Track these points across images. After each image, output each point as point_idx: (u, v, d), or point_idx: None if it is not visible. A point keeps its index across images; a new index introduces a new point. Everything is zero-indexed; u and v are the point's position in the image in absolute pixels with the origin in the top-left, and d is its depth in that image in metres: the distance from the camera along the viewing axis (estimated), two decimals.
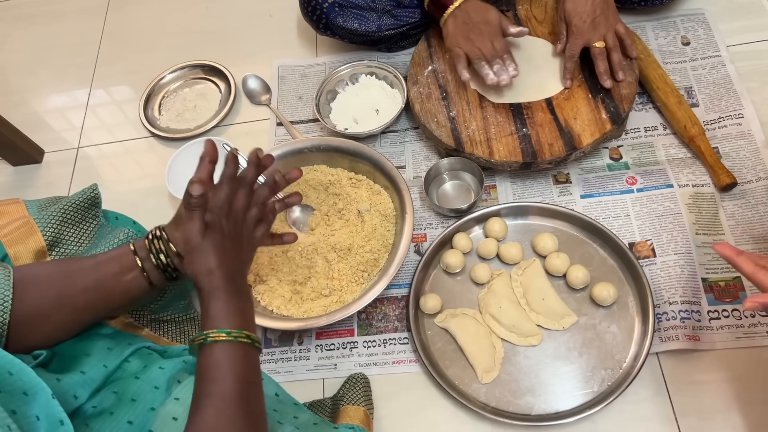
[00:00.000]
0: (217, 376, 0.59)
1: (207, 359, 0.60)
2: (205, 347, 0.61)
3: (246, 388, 0.60)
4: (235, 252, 0.68)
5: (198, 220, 0.67)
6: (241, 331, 0.62)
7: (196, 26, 1.45)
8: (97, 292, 0.67)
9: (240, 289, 0.67)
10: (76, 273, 0.67)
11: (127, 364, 0.69)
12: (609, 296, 0.91)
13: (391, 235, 1.00)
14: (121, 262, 0.69)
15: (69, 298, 0.66)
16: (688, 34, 1.19)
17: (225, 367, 0.60)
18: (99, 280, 0.68)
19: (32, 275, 0.65)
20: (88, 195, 0.79)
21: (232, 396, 0.58)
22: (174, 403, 0.63)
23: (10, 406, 0.52)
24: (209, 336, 0.61)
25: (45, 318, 0.65)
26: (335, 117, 1.18)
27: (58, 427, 0.54)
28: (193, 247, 0.66)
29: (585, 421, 0.86)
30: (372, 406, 0.90)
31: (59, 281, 0.66)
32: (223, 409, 0.57)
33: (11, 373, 0.54)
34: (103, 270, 0.68)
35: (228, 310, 0.63)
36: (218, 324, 0.62)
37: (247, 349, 0.62)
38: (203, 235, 0.66)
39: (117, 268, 0.69)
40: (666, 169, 1.03)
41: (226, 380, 0.59)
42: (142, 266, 0.69)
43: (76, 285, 0.66)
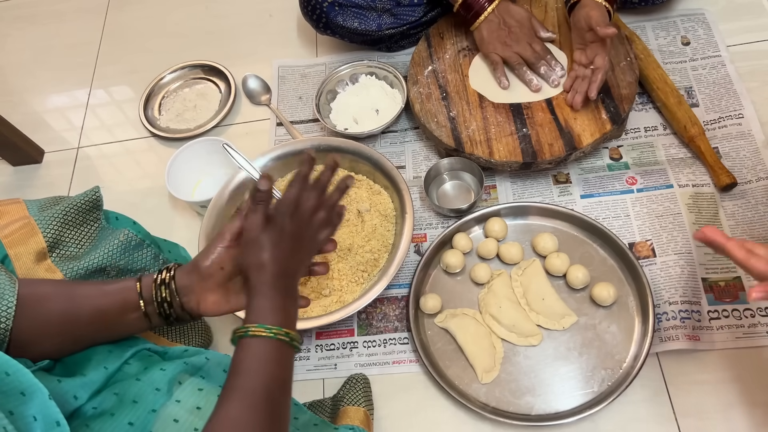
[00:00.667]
0: (249, 370, 0.59)
1: (243, 352, 0.60)
2: (243, 340, 0.61)
3: (275, 386, 0.60)
4: (293, 252, 0.67)
5: (260, 213, 0.66)
6: (281, 329, 0.61)
7: (196, 26, 1.45)
8: (100, 323, 0.67)
9: (288, 289, 0.66)
10: (82, 298, 0.67)
11: (127, 366, 0.69)
12: (609, 296, 0.91)
13: (391, 235, 1.00)
14: (126, 298, 0.68)
15: (73, 325, 0.66)
16: (688, 34, 1.19)
17: (258, 363, 0.60)
18: (102, 312, 0.67)
19: (39, 294, 0.65)
20: (89, 197, 0.79)
21: (260, 392, 0.58)
22: (175, 405, 0.63)
23: (7, 407, 0.52)
24: (249, 330, 0.61)
25: (48, 339, 0.65)
26: (335, 117, 1.18)
27: (54, 428, 0.54)
28: (249, 239, 0.65)
29: (585, 421, 0.86)
30: (372, 406, 0.90)
31: (65, 304, 0.66)
32: (249, 404, 0.57)
33: (8, 373, 0.54)
34: (107, 302, 0.67)
35: (272, 307, 0.63)
36: (260, 319, 0.62)
37: (283, 348, 0.62)
38: (262, 229, 0.65)
39: (120, 305, 0.68)
40: (666, 169, 1.04)
41: (257, 376, 0.59)
42: (144, 310, 0.68)
43: (81, 312, 0.66)
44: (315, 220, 0.71)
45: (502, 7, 1.01)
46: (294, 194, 0.68)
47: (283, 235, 0.66)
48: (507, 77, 1.01)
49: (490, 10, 1.00)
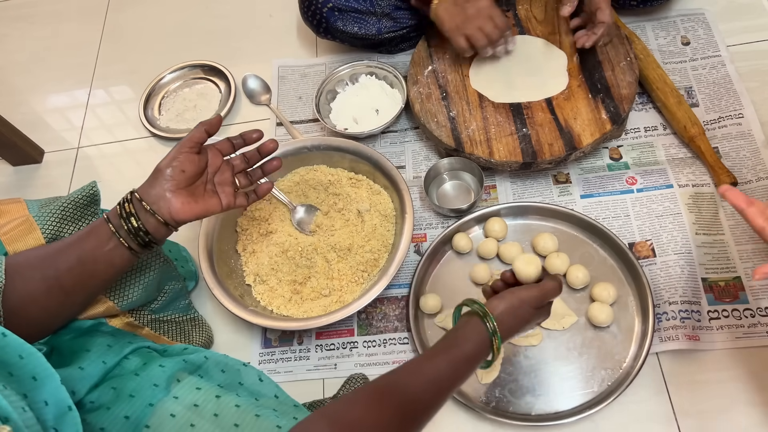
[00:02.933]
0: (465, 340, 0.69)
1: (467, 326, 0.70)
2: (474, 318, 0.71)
3: (463, 365, 0.68)
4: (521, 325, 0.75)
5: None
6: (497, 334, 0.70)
7: (196, 26, 1.45)
8: (82, 268, 0.67)
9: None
10: (58, 254, 0.67)
11: (126, 362, 0.69)
12: (609, 296, 0.91)
13: (391, 235, 1.00)
14: (98, 233, 0.69)
15: (55, 280, 0.66)
16: (688, 34, 1.19)
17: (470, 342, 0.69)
18: (80, 256, 0.67)
19: (14, 263, 0.65)
20: (87, 192, 0.79)
21: (462, 361, 0.67)
22: (172, 401, 0.63)
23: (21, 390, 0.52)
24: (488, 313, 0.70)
25: (35, 304, 0.65)
26: (335, 117, 1.18)
27: (66, 413, 0.54)
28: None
29: (585, 421, 0.86)
30: None
31: (41, 264, 0.66)
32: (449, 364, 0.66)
33: (22, 356, 0.53)
34: (82, 245, 0.68)
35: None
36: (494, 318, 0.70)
37: (486, 351, 0.70)
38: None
39: (95, 241, 0.68)
40: (666, 169, 1.04)
41: (465, 347, 0.68)
42: (117, 234, 0.68)
43: (59, 265, 0.66)
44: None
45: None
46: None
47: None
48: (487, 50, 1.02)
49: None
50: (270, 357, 0.98)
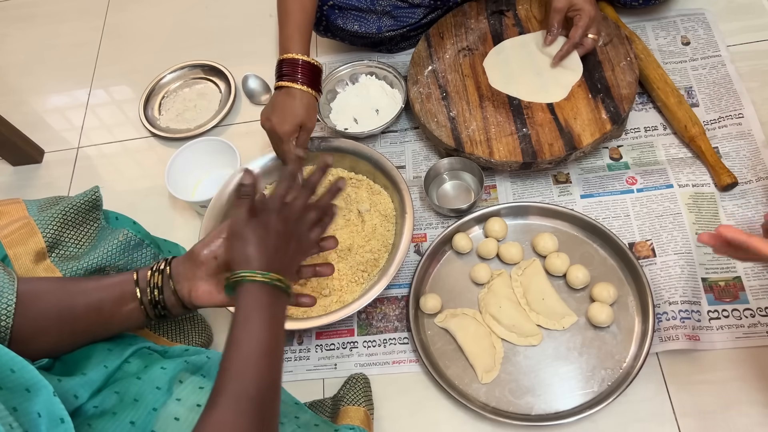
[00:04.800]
0: (249, 319, 0.61)
1: (245, 299, 0.62)
2: (242, 287, 0.63)
3: (272, 337, 0.61)
4: (280, 249, 0.66)
5: (245, 208, 0.66)
6: (271, 274, 0.63)
7: (196, 26, 1.45)
8: (98, 315, 0.67)
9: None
10: (79, 294, 0.67)
11: (127, 365, 0.69)
12: (609, 296, 0.91)
13: (391, 235, 1.00)
14: (123, 289, 0.68)
15: (69, 316, 0.65)
16: (688, 34, 1.19)
17: (257, 310, 0.62)
18: (100, 304, 0.67)
19: (36, 290, 0.65)
20: (89, 197, 0.79)
21: (262, 340, 0.60)
22: (176, 404, 0.63)
23: (11, 403, 0.52)
24: (245, 276, 0.62)
25: (45, 333, 0.65)
26: (335, 117, 1.18)
27: (58, 425, 0.54)
28: (234, 233, 0.66)
29: (585, 421, 0.86)
30: (372, 406, 0.90)
31: (62, 299, 0.66)
32: (248, 352, 0.59)
33: (13, 370, 0.54)
34: (104, 295, 0.68)
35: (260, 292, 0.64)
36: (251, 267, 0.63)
37: (277, 293, 0.64)
38: (246, 223, 0.65)
39: (118, 297, 0.68)
40: (666, 169, 1.04)
41: (256, 324, 0.61)
42: (140, 300, 0.68)
43: (77, 304, 0.66)
44: (304, 219, 0.71)
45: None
46: (281, 191, 0.69)
47: (269, 230, 0.66)
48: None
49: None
50: None
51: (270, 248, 0.65)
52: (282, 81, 0.94)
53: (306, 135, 0.96)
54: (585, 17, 1.00)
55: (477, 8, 1.19)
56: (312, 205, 0.72)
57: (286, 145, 0.94)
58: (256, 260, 0.63)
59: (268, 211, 0.67)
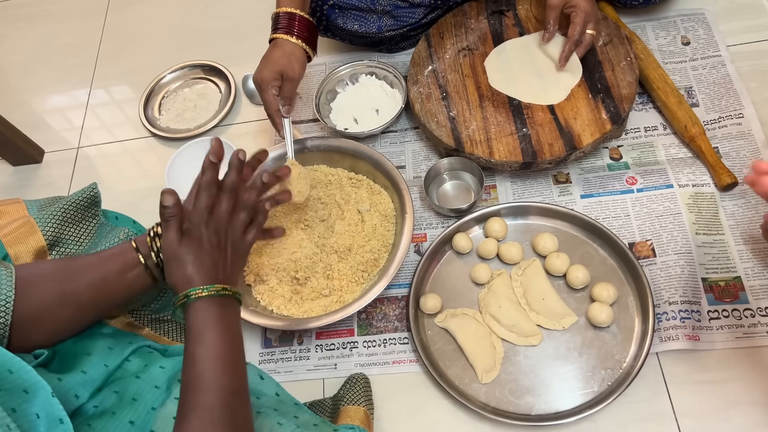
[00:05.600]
0: (202, 333, 0.61)
1: (193, 317, 0.62)
2: (190, 306, 0.62)
3: (229, 343, 0.62)
4: (219, 260, 0.67)
5: (173, 229, 0.66)
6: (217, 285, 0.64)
7: (196, 26, 1.45)
8: (102, 288, 0.67)
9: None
10: (80, 270, 0.67)
11: (127, 364, 0.69)
12: (609, 296, 0.91)
13: (391, 235, 1.00)
14: (125, 258, 0.69)
15: (72, 296, 0.66)
16: (688, 34, 1.19)
17: (208, 324, 0.61)
18: (103, 276, 0.67)
19: (34, 273, 0.65)
20: (87, 194, 0.79)
21: (218, 351, 0.60)
22: (174, 403, 0.63)
23: (10, 405, 0.52)
24: (190, 294, 0.62)
25: (48, 315, 0.65)
26: (335, 117, 1.18)
27: (57, 426, 0.54)
28: (170, 258, 0.65)
29: (585, 421, 0.86)
30: (372, 406, 0.90)
31: (62, 278, 0.66)
32: (210, 365, 0.59)
33: (11, 371, 0.54)
34: (106, 267, 0.68)
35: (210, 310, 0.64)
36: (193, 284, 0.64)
37: (228, 302, 0.64)
38: (179, 244, 0.65)
39: (120, 265, 0.68)
40: (666, 169, 1.03)
41: (212, 336, 0.61)
42: (145, 263, 0.69)
43: (79, 282, 0.66)
44: (235, 222, 0.71)
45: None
46: (204, 202, 0.68)
47: (202, 244, 0.66)
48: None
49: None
50: (270, 357, 0.98)
51: (208, 262, 0.65)
52: (275, 33, 0.95)
53: (289, 86, 0.95)
54: (581, 13, 1.00)
55: (477, 8, 1.19)
56: (238, 208, 0.72)
57: (266, 94, 0.94)
58: (197, 277, 0.64)
59: (196, 225, 0.66)
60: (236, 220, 0.71)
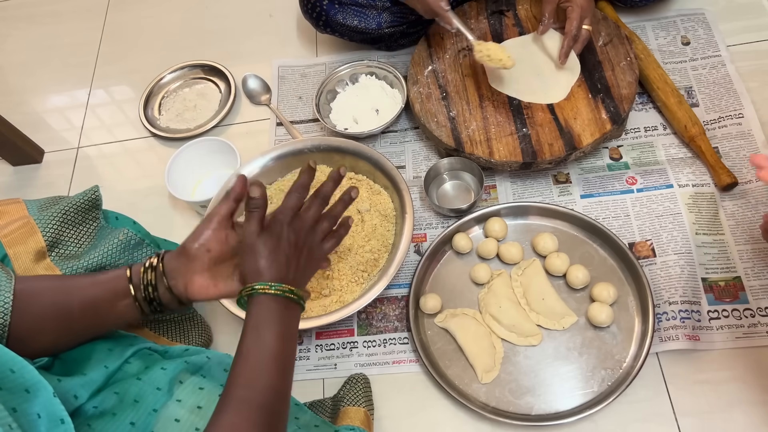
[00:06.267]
0: (262, 327, 0.61)
1: (255, 309, 0.62)
2: (254, 299, 0.63)
3: (286, 343, 0.62)
4: (292, 260, 0.66)
5: (255, 221, 0.66)
6: (285, 286, 0.63)
7: (196, 26, 1.45)
8: (93, 312, 0.67)
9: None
10: (74, 291, 0.66)
11: (128, 365, 0.69)
12: (609, 296, 0.91)
13: (391, 235, 1.00)
14: (117, 286, 0.67)
15: (66, 312, 0.65)
16: (688, 34, 1.19)
17: (269, 320, 0.62)
18: (95, 301, 0.67)
19: (33, 288, 0.65)
20: (89, 196, 0.79)
21: (272, 349, 0.60)
22: (176, 405, 0.63)
23: (11, 404, 0.52)
24: (255, 288, 0.62)
25: (45, 328, 0.65)
26: (335, 117, 1.18)
27: (58, 426, 0.54)
28: (247, 246, 0.65)
29: (585, 421, 0.86)
30: (372, 406, 0.90)
31: (58, 297, 0.66)
32: (263, 359, 0.59)
33: (13, 370, 0.53)
34: (98, 291, 0.67)
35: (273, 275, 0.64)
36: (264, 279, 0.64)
37: (290, 305, 0.64)
38: (257, 236, 0.65)
39: (112, 293, 0.67)
40: (666, 169, 1.04)
41: (269, 331, 0.61)
42: (134, 295, 0.67)
43: (73, 303, 0.66)
44: (316, 229, 0.71)
45: None
46: (293, 203, 0.68)
47: (280, 242, 0.66)
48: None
49: None
50: None
51: (282, 260, 0.65)
52: None
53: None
54: (577, 8, 1.00)
55: (477, 8, 1.19)
56: (324, 216, 0.72)
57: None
58: (267, 272, 0.64)
59: (279, 222, 0.67)
60: (319, 227, 0.71)
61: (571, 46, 1.03)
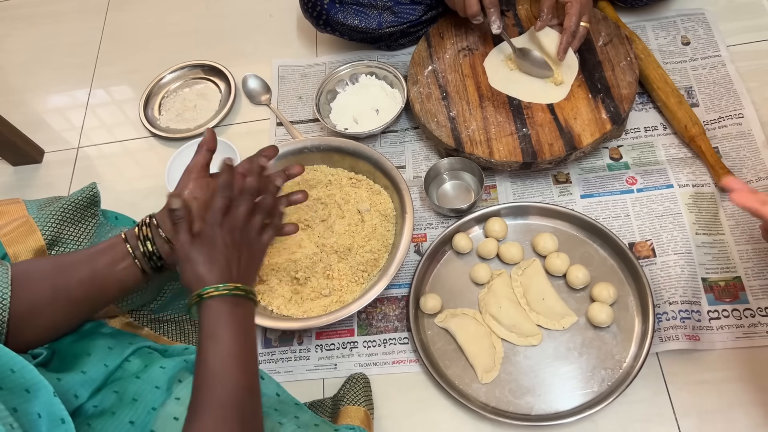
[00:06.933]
0: (215, 334, 0.61)
1: (207, 315, 0.62)
2: (204, 304, 0.62)
3: (242, 341, 0.62)
4: (233, 260, 0.66)
5: (184, 231, 0.66)
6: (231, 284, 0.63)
7: (196, 26, 1.45)
8: (93, 283, 0.67)
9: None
10: (71, 266, 0.67)
11: (127, 364, 0.69)
12: (609, 296, 0.91)
13: (391, 235, 1.00)
14: (114, 251, 0.69)
15: (65, 291, 0.66)
16: (688, 34, 1.19)
17: (222, 323, 0.62)
18: (93, 271, 0.68)
19: (26, 270, 0.65)
20: (87, 194, 0.79)
21: (230, 350, 0.60)
22: (175, 403, 0.63)
23: (11, 404, 0.52)
24: (203, 293, 0.62)
25: (42, 312, 0.65)
26: (335, 117, 1.18)
27: (58, 426, 0.54)
28: (182, 258, 0.65)
29: (585, 421, 0.86)
30: (372, 406, 0.90)
31: (54, 274, 0.66)
32: (222, 363, 0.59)
33: (13, 370, 0.54)
34: (96, 261, 0.68)
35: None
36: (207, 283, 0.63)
37: (242, 302, 0.64)
38: (191, 244, 0.65)
39: (110, 258, 0.69)
40: (666, 169, 1.04)
41: (225, 334, 0.61)
42: (133, 254, 0.69)
43: (71, 277, 0.66)
44: (251, 224, 0.70)
45: None
46: (220, 204, 0.68)
47: (215, 245, 0.65)
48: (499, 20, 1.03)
49: None
50: (270, 357, 0.98)
51: (221, 262, 0.65)
52: None
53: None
54: (576, 4, 1.00)
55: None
56: (255, 209, 0.72)
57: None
58: (209, 276, 0.63)
59: (210, 226, 0.66)
60: (253, 222, 0.71)
61: (570, 42, 1.03)
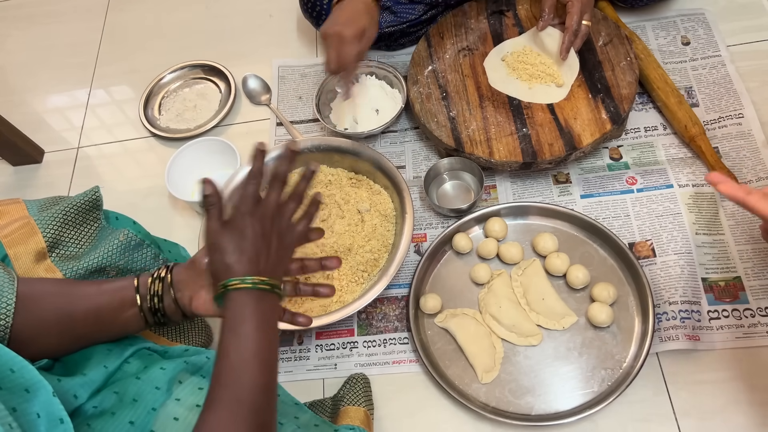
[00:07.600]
0: (237, 328, 0.60)
1: (232, 306, 0.61)
2: (228, 295, 0.61)
3: (265, 335, 0.60)
4: (262, 250, 0.64)
5: (214, 218, 0.64)
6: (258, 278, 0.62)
7: (196, 26, 1.45)
8: (96, 321, 0.67)
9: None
10: (79, 297, 0.66)
11: (127, 365, 0.69)
12: (609, 296, 0.91)
13: (391, 235, 1.00)
14: (123, 295, 0.67)
15: (69, 318, 0.65)
16: (688, 34, 1.19)
17: (246, 315, 0.60)
18: (99, 309, 0.67)
19: (36, 292, 0.65)
20: (89, 197, 0.79)
21: (252, 343, 0.59)
22: (175, 404, 0.63)
23: (10, 404, 0.52)
24: (228, 284, 0.61)
25: (46, 333, 0.64)
26: (335, 117, 1.18)
27: (57, 425, 0.54)
28: (210, 246, 0.64)
29: (585, 421, 0.86)
30: (372, 406, 0.90)
31: (61, 303, 0.65)
32: (243, 355, 0.58)
33: (13, 370, 0.53)
34: (103, 300, 0.67)
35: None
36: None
37: (266, 296, 0.62)
38: (220, 233, 0.63)
39: (118, 302, 0.67)
40: (666, 169, 1.04)
41: (247, 326, 0.60)
42: (140, 305, 0.67)
43: (77, 309, 0.66)
44: (283, 213, 0.68)
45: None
46: (251, 191, 0.66)
47: (245, 234, 0.63)
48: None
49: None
50: None
51: (250, 252, 0.63)
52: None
53: (366, 45, 0.96)
54: (577, 3, 1.00)
55: (477, 8, 1.19)
56: (289, 198, 0.69)
57: (350, 47, 0.94)
58: (237, 267, 0.62)
59: (241, 214, 0.64)
60: (285, 210, 0.68)
61: (572, 41, 1.03)
